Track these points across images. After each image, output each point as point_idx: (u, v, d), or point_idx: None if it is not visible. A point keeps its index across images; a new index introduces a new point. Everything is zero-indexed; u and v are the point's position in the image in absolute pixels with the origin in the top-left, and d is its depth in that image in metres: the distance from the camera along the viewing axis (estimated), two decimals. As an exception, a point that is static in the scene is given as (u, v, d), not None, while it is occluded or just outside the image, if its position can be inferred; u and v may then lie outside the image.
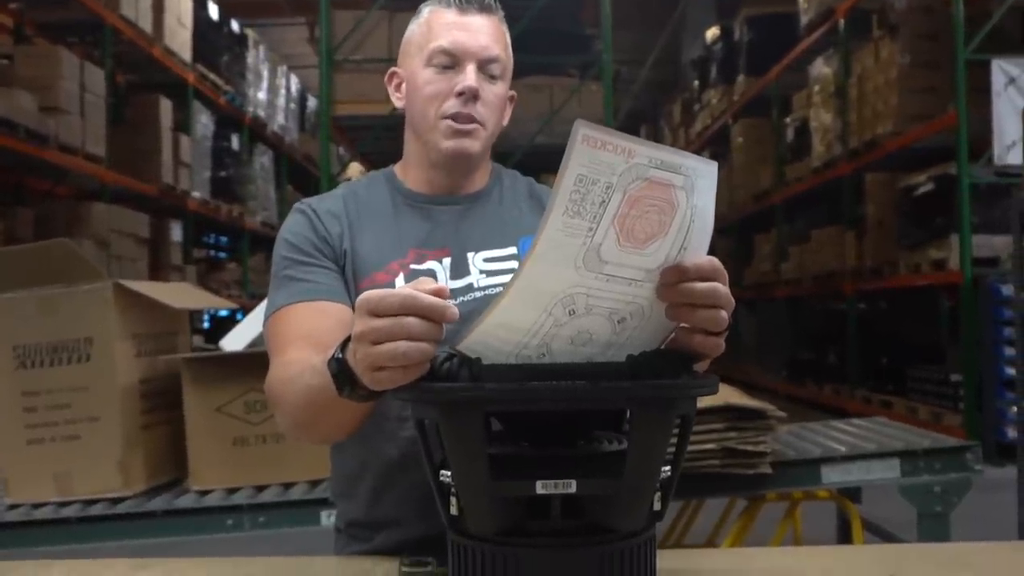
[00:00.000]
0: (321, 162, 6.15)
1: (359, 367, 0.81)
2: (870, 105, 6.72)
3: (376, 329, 0.77)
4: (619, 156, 0.70)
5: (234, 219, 9.29)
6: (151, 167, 7.54)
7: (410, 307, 0.76)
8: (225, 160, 9.09)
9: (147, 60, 7.59)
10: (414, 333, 0.76)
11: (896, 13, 6.37)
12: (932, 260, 6.00)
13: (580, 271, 0.74)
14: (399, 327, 0.76)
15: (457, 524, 0.84)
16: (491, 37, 1.15)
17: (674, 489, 0.86)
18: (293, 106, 11.03)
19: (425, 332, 0.77)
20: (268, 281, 1.17)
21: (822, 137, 7.72)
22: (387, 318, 0.77)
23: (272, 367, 1.08)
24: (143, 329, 2.17)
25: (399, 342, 0.76)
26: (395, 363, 0.77)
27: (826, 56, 7.73)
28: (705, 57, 10.47)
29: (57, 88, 6.18)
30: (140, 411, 2.14)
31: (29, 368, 2.10)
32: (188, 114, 8.17)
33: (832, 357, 7.86)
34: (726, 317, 0.81)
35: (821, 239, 7.98)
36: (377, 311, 0.77)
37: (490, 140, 1.19)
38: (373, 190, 1.21)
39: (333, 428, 1.04)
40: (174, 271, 8.07)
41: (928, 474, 2.20)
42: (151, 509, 2.05)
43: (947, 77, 5.84)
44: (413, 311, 0.76)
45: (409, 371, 0.77)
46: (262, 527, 2.08)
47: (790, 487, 2.23)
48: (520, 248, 1.17)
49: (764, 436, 2.06)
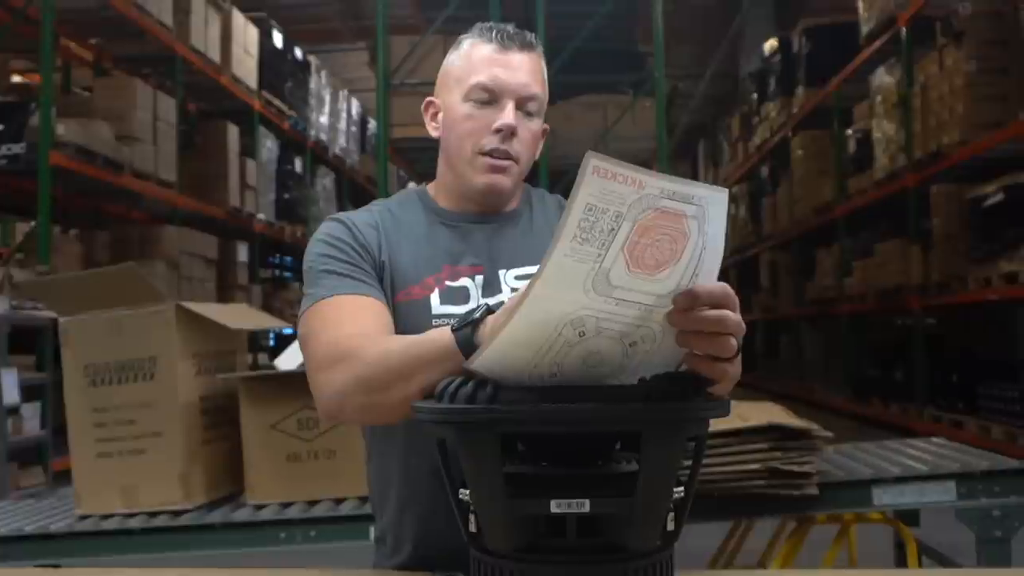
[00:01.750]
0: (379, 183, 6.29)
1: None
2: (935, 114, 6.54)
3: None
4: (629, 187, 0.73)
5: (298, 240, 9.55)
6: (219, 191, 7.83)
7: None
8: (289, 183, 9.37)
9: (215, 88, 7.89)
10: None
11: (960, 20, 6.21)
12: (1003, 273, 5.79)
13: (589, 294, 0.77)
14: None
15: (477, 541, 0.87)
16: (530, 75, 1.18)
17: (688, 510, 0.88)
18: (354, 129, 11.29)
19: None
20: None
21: (885, 148, 7.54)
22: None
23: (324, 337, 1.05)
24: (203, 348, 2.27)
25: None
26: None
27: (888, 65, 7.56)
28: (763, 69, 10.35)
29: (132, 118, 6.48)
30: (201, 427, 2.23)
31: (99, 385, 2.22)
32: (254, 139, 8.46)
33: (899, 374, 7.63)
34: (735, 344, 0.83)
35: (886, 253, 7.78)
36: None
37: (523, 175, 1.22)
38: (406, 207, 1.24)
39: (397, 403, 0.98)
40: (240, 291, 8.33)
41: (986, 497, 2.14)
42: (210, 522, 2.13)
43: (1017, 84, 5.66)
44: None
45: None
46: (313, 541, 2.14)
47: (839, 509, 2.18)
48: None
49: (810, 456, 2.03)
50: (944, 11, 6.54)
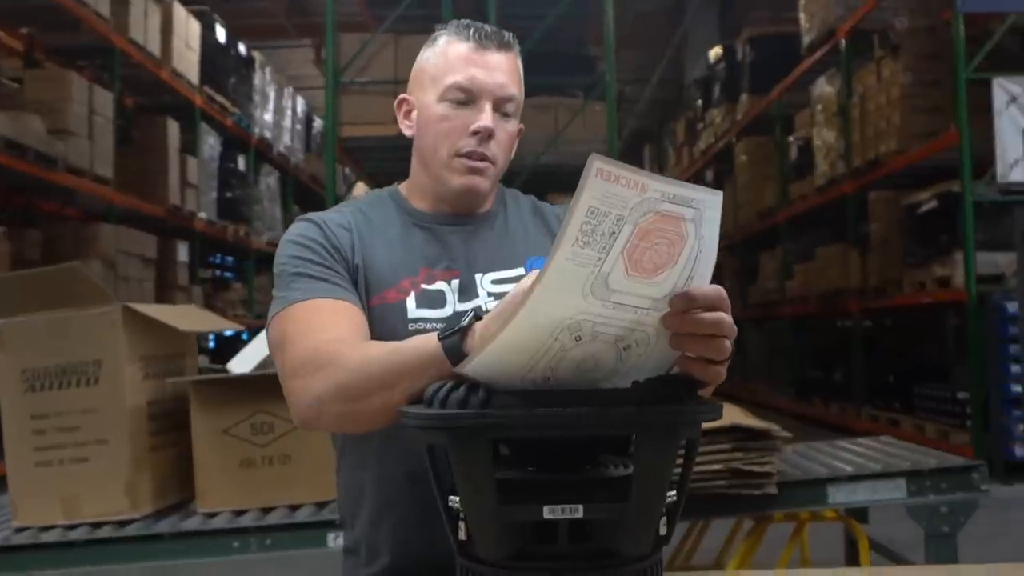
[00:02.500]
0: (327, 183, 6.19)
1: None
2: (872, 124, 6.74)
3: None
4: (632, 190, 0.71)
5: (240, 239, 9.34)
6: (158, 188, 7.60)
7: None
8: (231, 181, 9.16)
9: (155, 83, 7.66)
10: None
11: (897, 33, 6.41)
12: (937, 278, 5.99)
13: (587, 299, 0.75)
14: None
15: (466, 549, 0.85)
16: (508, 75, 1.15)
17: (680, 513, 0.87)
18: (299, 127, 11.11)
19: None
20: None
21: (825, 155, 7.74)
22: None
23: (301, 344, 1.02)
24: (151, 351, 2.19)
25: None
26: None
27: (828, 75, 7.77)
28: (708, 76, 10.53)
29: (66, 111, 6.24)
30: (148, 433, 2.15)
31: (38, 391, 2.12)
32: (195, 136, 8.24)
33: (838, 375, 7.84)
34: (729, 346, 0.82)
35: (826, 257, 7.98)
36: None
37: (499, 176, 1.20)
38: (378, 209, 1.21)
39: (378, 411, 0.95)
40: (180, 292, 8.10)
41: (934, 494, 2.20)
42: (158, 531, 2.05)
43: (949, 96, 5.87)
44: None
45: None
46: (268, 549, 2.08)
47: (796, 507, 2.22)
48: (528, 269, 1.18)
49: (770, 456, 2.06)
50: (882, 25, 6.75)
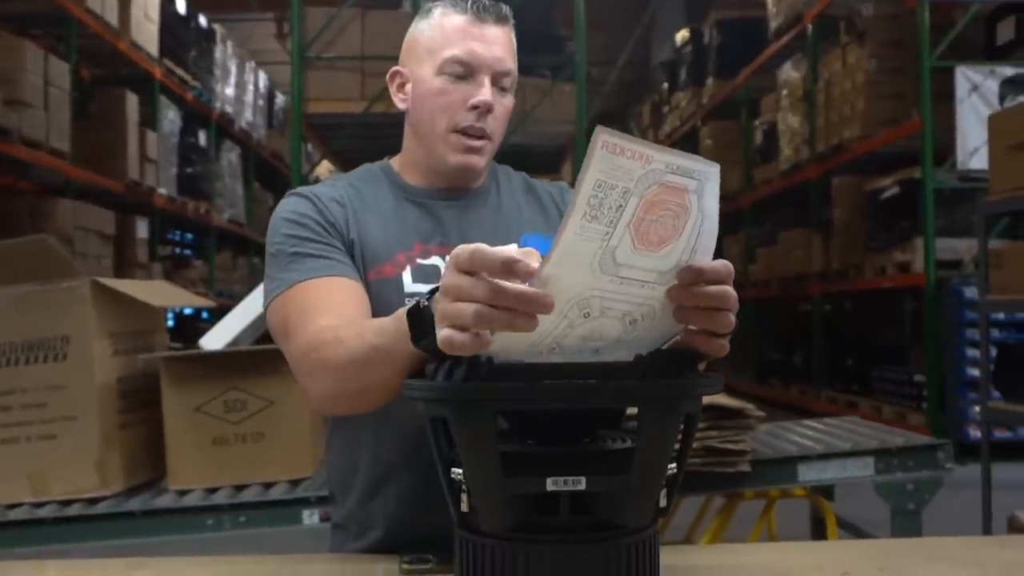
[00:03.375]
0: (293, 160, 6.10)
1: (437, 324, 0.77)
2: (837, 110, 6.83)
3: (459, 286, 0.73)
4: (637, 162, 0.71)
5: (201, 216, 9.17)
6: (117, 163, 7.41)
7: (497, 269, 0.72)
8: (192, 156, 8.97)
9: (113, 54, 7.46)
10: (501, 298, 0.71)
11: (863, 20, 6.49)
12: (897, 263, 6.12)
13: (596, 274, 0.75)
14: (488, 289, 0.72)
15: (467, 521, 0.84)
16: (505, 49, 1.14)
17: (679, 486, 0.88)
18: (261, 103, 10.91)
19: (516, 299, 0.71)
20: (235, 279, 1.13)
21: (790, 140, 7.83)
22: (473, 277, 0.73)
23: (302, 335, 1.01)
24: (120, 327, 2.14)
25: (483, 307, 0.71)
26: (474, 325, 0.72)
27: (794, 60, 7.84)
28: (675, 59, 10.56)
29: (20, 81, 6.05)
30: (118, 410, 2.11)
31: (4, 367, 2.07)
32: (155, 109, 8.05)
33: (799, 358, 7.98)
34: (733, 320, 0.82)
35: (789, 241, 8.10)
36: (470, 267, 0.74)
37: (495, 152, 1.19)
38: (370, 183, 1.19)
39: (380, 392, 0.95)
40: (139, 268, 7.94)
41: (901, 472, 2.25)
42: (129, 509, 2.02)
43: (913, 83, 5.97)
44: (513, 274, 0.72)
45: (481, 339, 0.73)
46: (242, 527, 2.07)
47: (768, 485, 2.26)
48: (520, 245, 1.17)
49: (744, 435, 2.09)
50: (848, 11, 6.82)
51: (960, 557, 1.10)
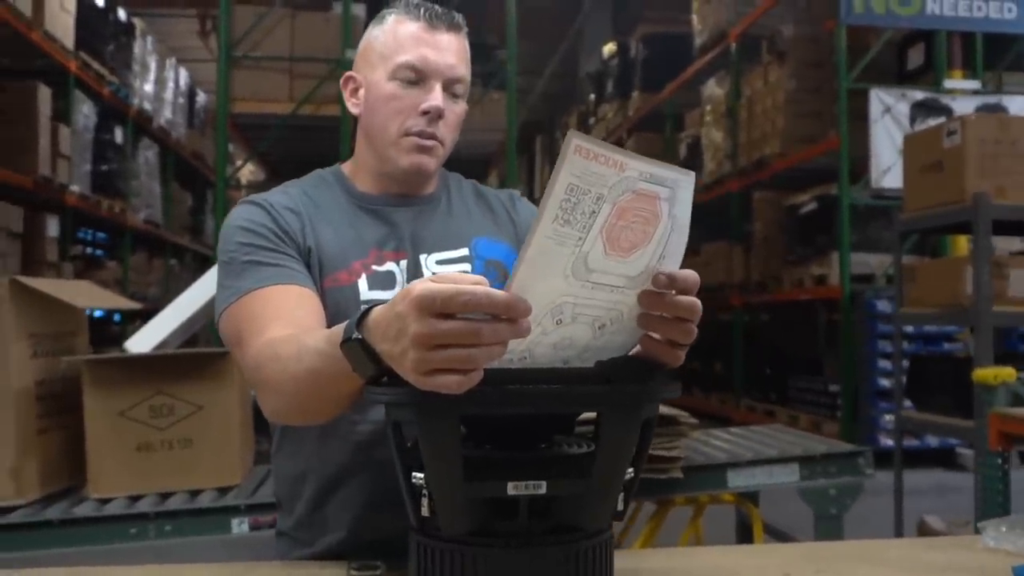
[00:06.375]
0: (218, 161, 5.94)
1: (410, 372, 0.72)
2: (759, 126, 7.06)
3: (442, 332, 0.69)
4: (611, 169, 0.71)
5: (115, 215, 8.83)
6: (27, 158, 7.08)
7: (484, 306, 0.69)
8: (107, 153, 8.63)
9: (25, 45, 7.12)
10: (485, 337, 0.68)
11: (784, 40, 6.73)
12: (814, 276, 6.35)
13: (569, 280, 0.75)
14: (470, 331, 0.68)
15: (426, 526, 0.84)
16: (458, 56, 1.15)
17: (635, 490, 0.89)
18: (182, 101, 10.59)
19: (497, 334, 0.69)
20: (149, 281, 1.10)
21: (713, 155, 8.05)
22: (452, 321, 0.69)
23: (251, 348, 1.00)
24: (40, 329, 2.05)
25: (467, 349, 0.68)
26: (462, 367, 0.70)
27: (718, 77, 8.07)
28: (602, 71, 10.73)
29: (-77, 69, 5.73)
30: (35, 415, 2.01)
31: (-91, 369, 1.94)
32: (69, 104, 7.72)
33: (719, 367, 8.18)
34: (695, 331, 0.84)
35: (711, 253, 8.31)
36: (444, 310, 0.69)
37: (446, 157, 1.19)
38: (322, 190, 1.18)
39: (330, 408, 0.94)
40: (49, 268, 7.58)
41: (824, 478, 2.34)
42: (47, 518, 1.93)
43: (830, 103, 6.22)
44: (488, 310, 0.69)
45: (473, 376, 0.71)
46: (168, 536, 1.99)
47: (699, 491, 2.31)
48: (472, 249, 1.17)
49: (676, 442, 2.13)
50: (770, 31, 7.07)
51: (891, 559, 1.15)
